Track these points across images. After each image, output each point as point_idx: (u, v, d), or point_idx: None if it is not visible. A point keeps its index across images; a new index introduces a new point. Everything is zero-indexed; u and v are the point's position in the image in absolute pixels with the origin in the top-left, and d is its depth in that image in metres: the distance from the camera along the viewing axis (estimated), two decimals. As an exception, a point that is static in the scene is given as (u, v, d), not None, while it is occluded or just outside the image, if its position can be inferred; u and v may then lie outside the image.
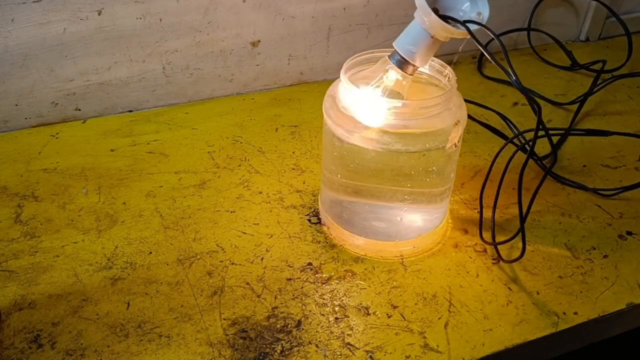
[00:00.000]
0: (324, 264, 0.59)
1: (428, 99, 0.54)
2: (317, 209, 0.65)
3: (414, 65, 0.56)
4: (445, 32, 0.53)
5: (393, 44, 0.56)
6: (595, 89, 0.88)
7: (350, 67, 0.57)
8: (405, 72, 0.56)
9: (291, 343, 0.51)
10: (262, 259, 0.59)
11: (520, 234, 0.56)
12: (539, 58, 1.00)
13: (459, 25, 0.53)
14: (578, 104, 0.85)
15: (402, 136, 0.53)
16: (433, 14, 0.52)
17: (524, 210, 0.55)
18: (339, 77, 0.56)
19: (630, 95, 0.89)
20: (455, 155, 0.58)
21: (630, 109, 0.86)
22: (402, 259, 0.60)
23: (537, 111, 0.53)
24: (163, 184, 0.69)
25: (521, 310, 0.54)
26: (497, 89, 0.91)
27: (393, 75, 0.56)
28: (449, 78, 0.57)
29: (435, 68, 0.58)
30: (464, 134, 0.78)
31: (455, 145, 0.56)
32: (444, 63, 0.58)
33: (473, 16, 0.54)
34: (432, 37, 0.54)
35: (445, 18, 0.53)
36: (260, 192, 0.68)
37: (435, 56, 0.59)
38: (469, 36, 0.53)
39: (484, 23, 0.53)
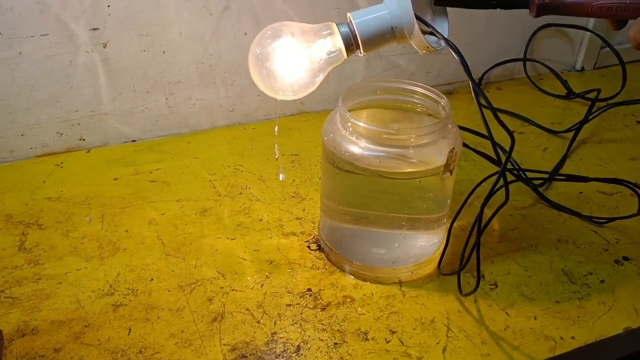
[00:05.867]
0: (323, 289, 0.59)
1: (424, 126, 0.55)
2: (317, 235, 0.66)
3: (359, 48, 0.53)
4: (418, 41, 0.52)
5: (350, 14, 0.53)
6: (591, 117, 0.89)
7: (348, 97, 0.59)
8: (347, 49, 0.53)
9: (290, 368, 0.51)
10: (262, 285, 0.60)
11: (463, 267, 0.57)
12: (535, 87, 1.01)
13: (434, 39, 0.52)
14: (574, 131, 0.86)
15: (399, 163, 0.55)
16: (415, 19, 0.50)
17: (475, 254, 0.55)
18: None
19: (625, 123, 0.91)
20: (451, 182, 0.59)
21: (625, 137, 0.88)
22: (401, 284, 0.60)
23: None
24: (165, 211, 0.70)
25: (518, 335, 0.55)
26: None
27: (330, 44, 0.54)
28: (444, 107, 0.58)
29: (431, 98, 0.60)
30: (462, 161, 0.79)
31: (451, 173, 0.57)
32: (440, 93, 0.59)
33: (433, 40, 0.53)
34: (393, 32, 0.52)
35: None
36: (261, 220, 0.69)
37: (433, 86, 0.60)
38: (425, 51, 0.53)
39: (442, 47, 0.53)
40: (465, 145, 0.72)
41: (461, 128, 0.70)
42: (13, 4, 0.69)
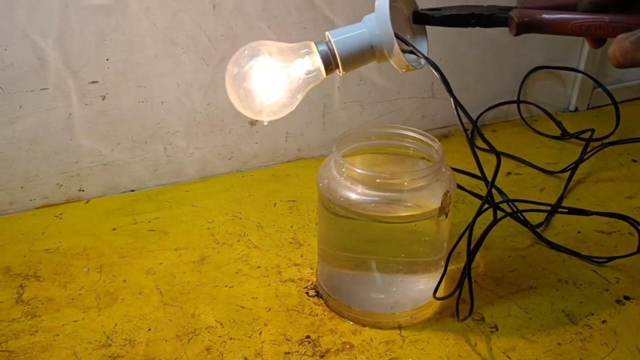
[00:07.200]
0: (322, 336, 0.59)
1: (418, 170, 0.56)
2: (315, 281, 0.66)
3: (338, 67, 0.52)
4: (398, 59, 0.51)
5: (328, 33, 0.52)
6: (586, 157, 0.90)
7: (342, 143, 0.60)
8: (326, 68, 0.52)
9: (289, 418, 0.50)
10: (261, 332, 0.59)
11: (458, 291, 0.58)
12: (530, 129, 1.03)
13: (415, 58, 0.52)
14: (570, 171, 0.87)
15: (394, 207, 0.55)
16: (394, 37, 0.50)
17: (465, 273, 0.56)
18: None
19: (621, 162, 0.91)
20: (447, 225, 0.59)
21: (622, 175, 0.88)
22: (400, 329, 0.60)
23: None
24: (163, 260, 0.70)
25: (521, 379, 0.54)
26: (490, 160, 0.92)
27: (308, 63, 0.53)
28: (437, 151, 0.59)
29: (424, 142, 0.60)
30: (458, 204, 0.79)
31: (446, 215, 0.57)
32: (432, 137, 0.60)
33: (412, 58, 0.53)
34: (372, 50, 0.52)
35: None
36: (259, 267, 0.69)
37: (428, 129, 0.61)
38: (404, 69, 0.52)
39: (421, 65, 0.53)
40: (461, 187, 0.73)
41: (457, 171, 0.71)
42: (14, 60, 0.71)
